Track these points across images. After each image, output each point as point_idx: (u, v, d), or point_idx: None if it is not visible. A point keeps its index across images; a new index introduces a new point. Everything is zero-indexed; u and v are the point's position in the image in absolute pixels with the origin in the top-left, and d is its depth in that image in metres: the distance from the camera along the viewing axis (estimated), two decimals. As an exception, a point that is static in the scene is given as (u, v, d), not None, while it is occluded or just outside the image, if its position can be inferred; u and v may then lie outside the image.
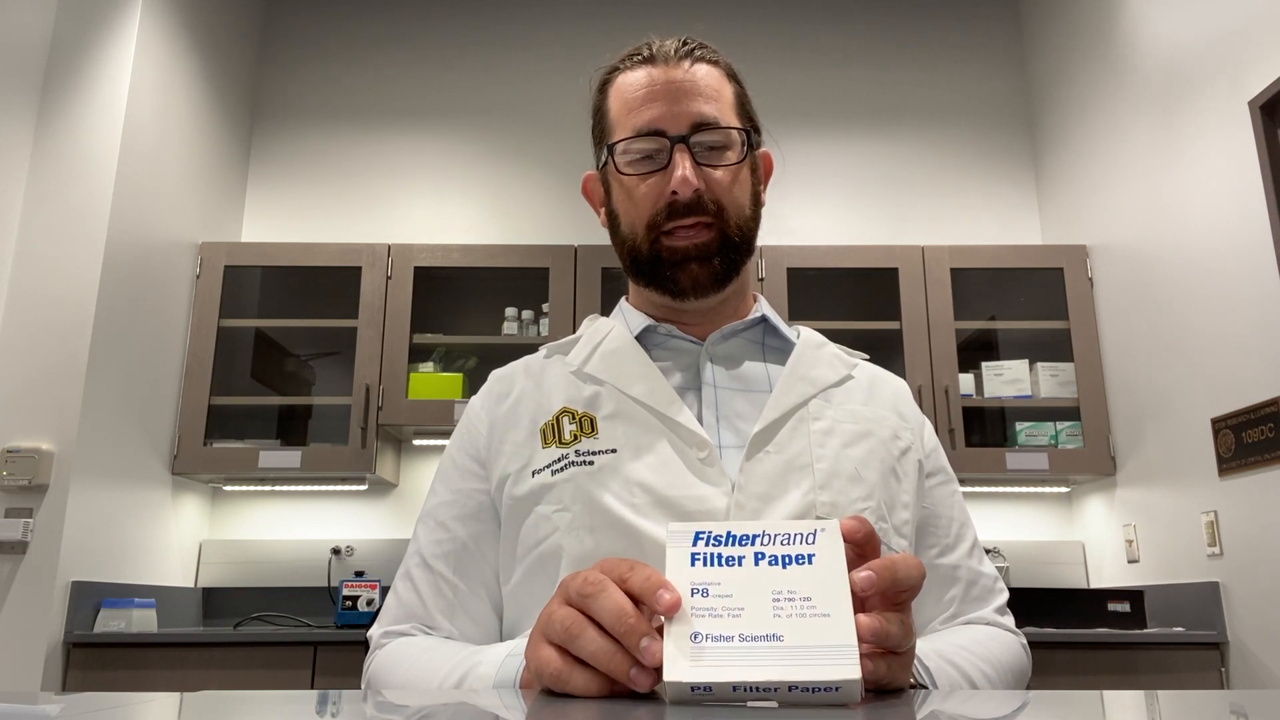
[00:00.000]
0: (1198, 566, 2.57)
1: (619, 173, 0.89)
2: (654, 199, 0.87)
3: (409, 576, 0.90)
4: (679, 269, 0.87)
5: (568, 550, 0.81)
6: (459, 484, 0.91)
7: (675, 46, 0.91)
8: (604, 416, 0.87)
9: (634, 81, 0.90)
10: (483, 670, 0.72)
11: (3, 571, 2.44)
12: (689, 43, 0.91)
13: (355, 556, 3.18)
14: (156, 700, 0.58)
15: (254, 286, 3.36)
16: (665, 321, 0.94)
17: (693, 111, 0.87)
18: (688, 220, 0.86)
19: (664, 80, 0.88)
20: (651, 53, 0.90)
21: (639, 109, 0.88)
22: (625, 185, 0.89)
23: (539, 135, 3.60)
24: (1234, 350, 2.42)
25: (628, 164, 0.88)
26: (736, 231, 0.88)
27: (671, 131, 0.86)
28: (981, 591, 0.92)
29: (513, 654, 0.70)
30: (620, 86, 0.91)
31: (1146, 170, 2.83)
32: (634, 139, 0.87)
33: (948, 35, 3.72)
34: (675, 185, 0.85)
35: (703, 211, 0.86)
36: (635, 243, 0.89)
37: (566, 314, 3.07)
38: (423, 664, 0.79)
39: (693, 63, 0.90)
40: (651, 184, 0.87)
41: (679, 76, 0.89)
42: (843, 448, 0.86)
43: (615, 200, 0.92)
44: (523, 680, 0.67)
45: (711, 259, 0.87)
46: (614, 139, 0.89)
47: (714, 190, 0.87)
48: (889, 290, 3.16)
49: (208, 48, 3.26)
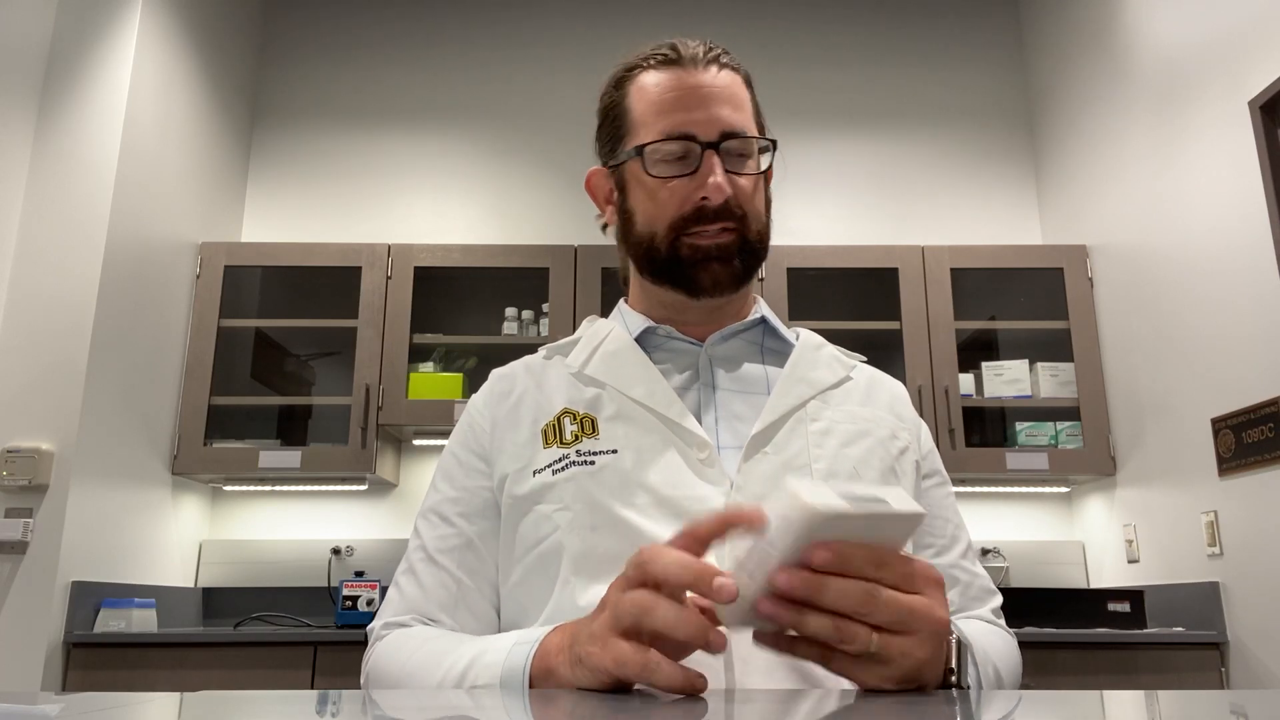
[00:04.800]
0: (1198, 566, 2.57)
1: (646, 173, 0.89)
2: (680, 201, 0.88)
3: (412, 571, 0.90)
4: (700, 267, 0.89)
5: (568, 549, 0.81)
6: (463, 480, 0.91)
7: (703, 51, 0.91)
8: (605, 418, 0.87)
9: (662, 83, 0.90)
10: (489, 659, 0.72)
11: (3, 571, 2.44)
12: (714, 48, 0.92)
13: (355, 556, 3.18)
14: (156, 700, 0.58)
15: (254, 286, 3.36)
16: (665, 323, 0.94)
17: (723, 118, 0.88)
18: (714, 225, 0.88)
19: (694, 84, 0.89)
20: (679, 55, 0.91)
21: (670, 112, 0.89)
22: (649, 185, 0.89)
23: (539, 135, 3.60)
24: (1234, 350, 2.42)
25: (656, 165, 0.88)
26: (756, 236, 0.91)
27: (702, 137, 0.87)
28: (978, 593, 0.93)
29: (520, 642, 0.71)
30: (645, 86, 0.91)
31: (1146, 170, 2.83)
32: (665, 141, 0.88)
33: (948, 35, 3.72)
34: (709, 191, 0.86)
35: (729, 217, 0.88)
36: (654, 241, 0.90)
37: (566, 314, 3.07)
38: (424, 654, 0.79)
39: (719, 69, 0.91)
40: (679, 186, 0.88)
41: (708, 81, 0.89)
42: (841, 447, 0.86)
43: (633, 198, 0.92)
44: (533, 670, 0.68)
45: (732, 260, 0.89)
46: (641, 139, 0.90)
47: (738, 197, 0.88)
48: (889, 290, 3.16)
49: (208, 48, 3.26)
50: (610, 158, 0.95)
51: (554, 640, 0.68)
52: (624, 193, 0.93)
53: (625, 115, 0.92)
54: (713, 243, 0.88)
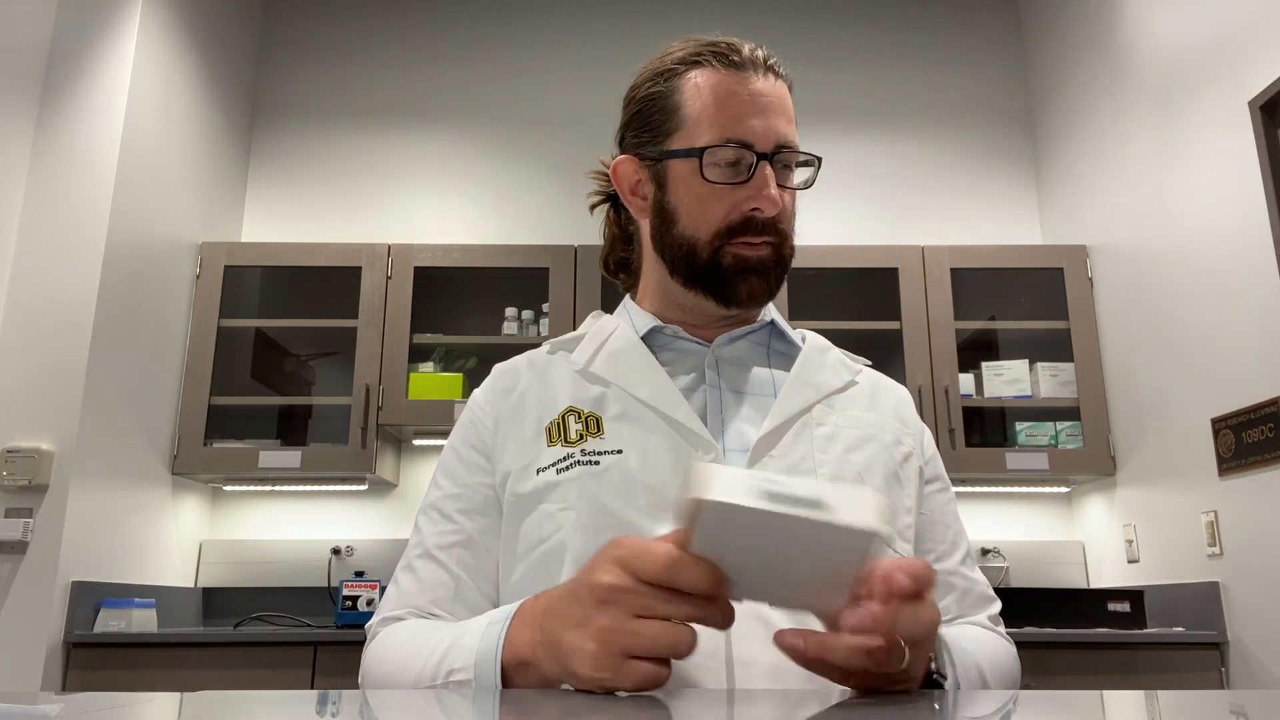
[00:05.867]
0: (1198, 566, 2.57)
1: (702, 175, 0.87)
2: (728, 208, 0.87)
3: (411, 568, 0.90)
4: (739, 278, 0.88)
5: (572, 549, 0.81)
6: (465, 477, 0.91)
7: (763, 56, 0.90)
8: (610, 417, 0.87)
9: (721, 84, 0.88)
10: (466, 642, 0.72)
11: (3, 571, 2.44)
12: (770, 54, 0.91)
13: (355, 556, 3.18)
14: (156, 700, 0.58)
15: (254, 286, 3.37)
16: (675, 323, 0.93)
17: (779, 130, 0.87)
18: (759, 238, 0.87)
19: (756, 91, 0.88)
20: (741, 58, 0.88)
21: (731, 117, 0.87)
22: (699, 188, 0.88)
23: (539, 135, 3.60)
24: (1234, 350, 2.42)
25: (712, 168, 0.87)
26: (789, 253, 0.91)
27: (759, 147, 0.86)
28: (976, 599, 0.93)
29: (494, 621, 0.72)
30: (704, 84, 0.88)
31: (1146, 170, 2.83)
32: (724, 146, 0.86)
33: (948, 35, 3.72)
34: (762, 203, 0.85)
35: (773, 231, 0.88)
36: (695, 246, 0.88)
37: (566, 314, 3.07)
38: (409, 647, 0.79)
39: (775, 78, 0.90)
40: (728, 193, 0.87)
41: (766, 90, 0.88)
42: (846, 452, 0.86)
43: (678, 198, 0.90)
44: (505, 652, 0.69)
45: (769, 274, 0.89)
46: (696, 139, 0.87)
47: (782, 212, 0.88)
48: (889, 290, 3.16)
49: (208, 48, 3.26)
50: (645, 149, 0.92)
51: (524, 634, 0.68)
52: (663, 189, 0.91)
53: (676, 111, 0.89)
54: (755, 255, 0.87)
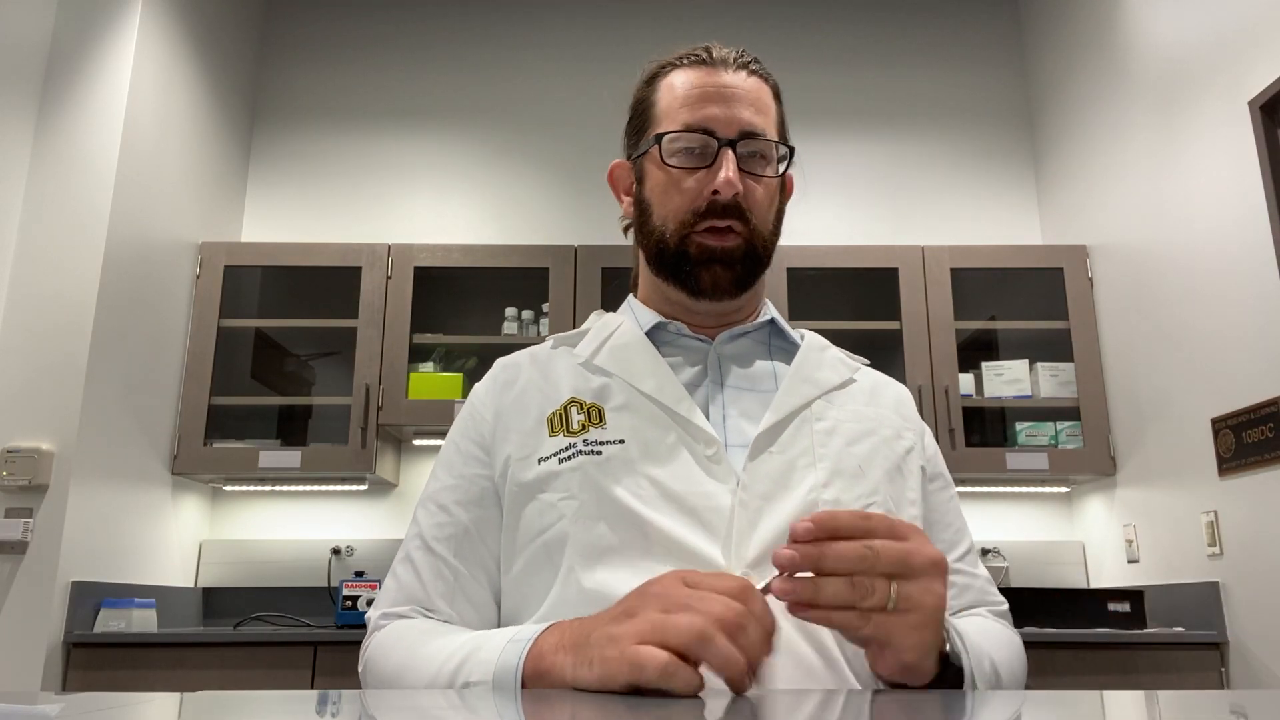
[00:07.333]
0: (1198, 566, 2.57)
1: (663, 162, 0.90)
2: (693, 194, 0.89)
3: (409, 559, 0.90)
4: (702, 268, 0.90)
5: (573, 538, 0.81)
6: (462, 469, 0.91)
7: (734, 55, 0.93)
8: (612, 408, 0.88)
9: (688, 79, 0.92)
10: (483, 656, 0.72)
11: (3, 571, 2.44)
12: (747, 55, 0.94)
13: (355, 556, 3.18)
14: (156, 700, 0.58)
15: (254, 286, 3.36)
16: (674, 320, 0.95)
17: (743, 119, 0.90)
18: (722, 221, 0.88)
19: (719, 84, 0.91)
20: (710, 57, 0.93)
21: (692, 106, 0.90)
22: (665, 176, 0.91)
23: (539, 135, 3.60)
24: (1234, 350, 2.42)
25: (673, 155, 0.90)
26: (761, 243, 0.91)
27: (721, 133, 0.89)
28: (979, 595, 0.93)
29: (514, 640, 0.71)
30: (672, 82, 0.94)
31: (1146, 170, 2.83)
32: (683, 132, 0.90)
33: (948, 35, 3.72)
34: (719, 185, 0.87)
35: (738, 215, 0.88)
36: (665, 234, 0.91)
37: (566, 314, 3.07)
38: (419, 650, 0.79)
39: (748, 74, 0.93)
40: (693, 179, 0.89)
41: (733, 83, 0.91)
42: (845, 446, 0.87)
43: (649, 189, 0.93)
44: (526, 669, 0.68)
45: (735, 264, 0.90)
46: (662, 129, 0.91)
47: (749, 199, 0.89)
48: (889, 290, 3.16)
49: (208, 48, 3.26)
50: (631, 151, 0.97)
51: (550, 640, 0.68)
52: (641, 183, 0.95)
53: (651, 109, 0.95)
54: (719, 244, 0.89)
